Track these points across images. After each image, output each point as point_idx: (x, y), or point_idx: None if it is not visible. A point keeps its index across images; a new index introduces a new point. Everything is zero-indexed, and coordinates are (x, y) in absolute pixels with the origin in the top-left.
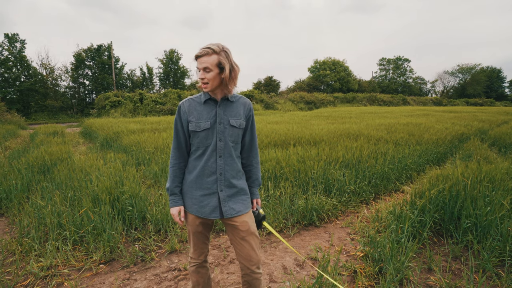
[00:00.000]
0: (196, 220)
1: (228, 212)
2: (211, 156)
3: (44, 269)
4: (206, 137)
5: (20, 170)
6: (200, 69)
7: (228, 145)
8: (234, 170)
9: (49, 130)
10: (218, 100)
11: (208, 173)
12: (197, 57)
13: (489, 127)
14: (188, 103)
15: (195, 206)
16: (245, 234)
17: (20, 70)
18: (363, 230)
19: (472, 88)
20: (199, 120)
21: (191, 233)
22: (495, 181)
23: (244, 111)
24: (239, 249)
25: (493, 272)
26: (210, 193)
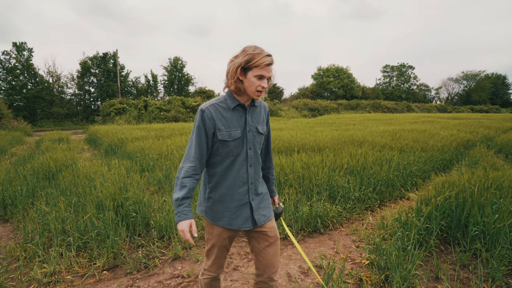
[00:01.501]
0: (225, 233)
1: (260, 219)
2: (242, 165)
3: (47, 275)
4: (237, 147)
5: (26, 176)
6: (266, 78)
7: (256, 153)
8: (260, 177)
9: (54, 137)
10: (247, 106)
11: (240, 184)
12: (268, 65)
13: (495, 134)
14: (214, 108)
15: (226, 218)
16: (273, 240)
17: (27, 78)
18: (368, 238)
19: (477, 94)
20: (229, 129)
21: (216, 247)
22: (502, 188)
23: (265, 116)
24: (262, 256)
25: (502, 282)
26: (243, 204)
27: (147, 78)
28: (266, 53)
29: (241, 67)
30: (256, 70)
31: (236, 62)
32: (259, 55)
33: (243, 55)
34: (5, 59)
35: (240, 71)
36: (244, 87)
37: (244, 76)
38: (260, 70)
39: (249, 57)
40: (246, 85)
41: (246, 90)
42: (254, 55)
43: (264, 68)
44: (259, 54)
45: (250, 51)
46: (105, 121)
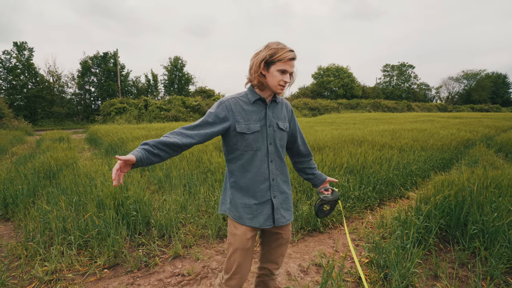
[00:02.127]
0: (248, 233)
1: (279, 220)
2: (262, 161)
3: (48, 274)
4: (255, 140)
5: (27, 175)
6: (288, 72)
7: (277, 149)
8: (284, 175)
9: (55, 136)
10: (268, 101)
11: (261, 180)
12: (291, 59)
13: (495, 133)
14: (234, 101)
15: (249, 215)
16: (284, 242)
17: (27, 78)
18: (368, 236)
19: (478, 94)
20: (248, 122)
21: (239, 250)
22: (502, 187)
23: (287, 114)
24: (270, 253)
25: (501, 280)
26: (264, 201)
27: (148, 77)
28: (289, 48)
29: (264, 61)
30: (279, 64)
31: (260, 56)
32: (282, 49)
33: (267, 50)
34: (6, 59)
35: (263, 65)
36: (267, 81)
37: (267, 70)
38: (283, 64)
39: (273, 52)
40: (269, 80)
41: (269, 84)
42: (277, 50)
43: (287, 63)
44: (282, 49)
45: (274, 46)
46: (106, 121)
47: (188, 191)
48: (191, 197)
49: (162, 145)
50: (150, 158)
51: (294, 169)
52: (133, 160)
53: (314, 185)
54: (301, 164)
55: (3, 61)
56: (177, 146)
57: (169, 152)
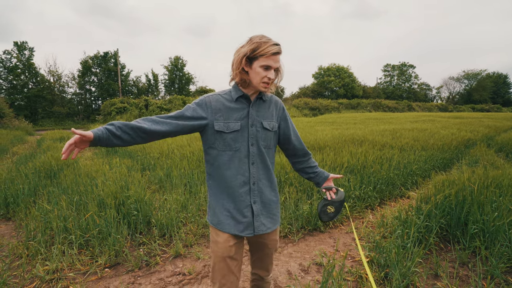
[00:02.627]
0: (231, 240)
1: (259, 228)
2: (242, 163)
3: (50, 273)
4: (234, 140)
5: (27, 175)
6: (272, 68)
7: (261, 150)
8: (267, 179)
9: (55, 136)
10: (252, 99)
11: (241, 183)
12: (274, 54)
13: (496, 133)
14: (216, 98)
15: (227, 221)
16: (270, 252)
17: (28, 77)
18: (368, 236)
19: (478, 94)
20: (227, 120)
21: (222, 259)
22: (502, 186)
23: (276, 112)
24: (258, 261)
25: (501, 279)
26: (244, 207)
27: (148, 77)
28: (273, 41)
29: (246, 57)
30: (262, 59)
31: (242, 51)
32: (266, 43)
33: (249, 44)
34: (6, 59)
35: (245, 61)
36: (250, 78)
37: (249, 66)
38: (266, 60)
39: (255, 46)
40: (252, 76)
41: (252, 81)
42: (260, 44)
43: (270, 58)
44: (265, 43)
45: (256, 40)
46: (106, 120)
47: (189, 191)
48: (192, 196)
49: (128, 128)
50: (110, 139)
51: (294, 170)
52: (91, 137)
53: (316, 183)
54: (300, 164)
55: (4, 61)
56: (143, 131)
57: (133, 137)
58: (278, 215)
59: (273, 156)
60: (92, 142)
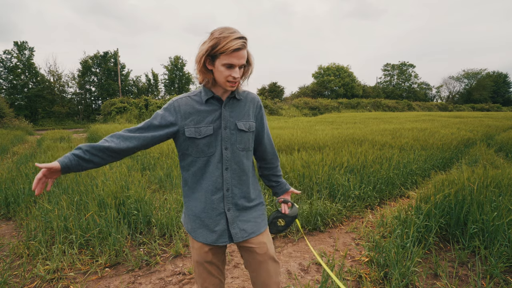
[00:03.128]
0: (204, 247)
1: (238, 235)
2: (216, 168)
3: (50, 272)
4: (208, 145)
5: (28, 174)
6: (236, 66)
7: (236, 154)
8: (244, 184)
9: (56, 136)
10: (224, 99)
11: (213, 190)
12: (235, 50)
13: (496, 132)
14: (185, 101)
15: (200, 230)
16: (263, 258)
17: (28, 77)
18: (368, 235)
19: (478, 93)
20: (198, 124)
21: (199, 265)
22: (502, 186)
23: (253, 110)
24: (254, 276)
25: (500, 278)
26: (217, 214)
27: (148, 77)
28: (235, 35)
29: (206, 55)
30: (223, 57)
31: (202, 49)
32: (226, 39)
33: (209, 40)
34: (7, 58)
35: (207, 60)
36: (214, 77)
37: (212, 65)
38: (227, 58)
39: (214, 42)
40: (216, 76)
41: (216, 80)
42: (219, 40)
43: (232, 55)
44: (225, 38)
45: (216, 35)
46: (106, 120)
47: None
48: None
49: (96, 150)
50: (80, 164)
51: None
52: (58, 167)
53: (274, 193)
54: (266, 170)
55: (4, 61)
56: (112, 151)
57: (104, 158)
58: (263, 218)
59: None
60: (62, 170)
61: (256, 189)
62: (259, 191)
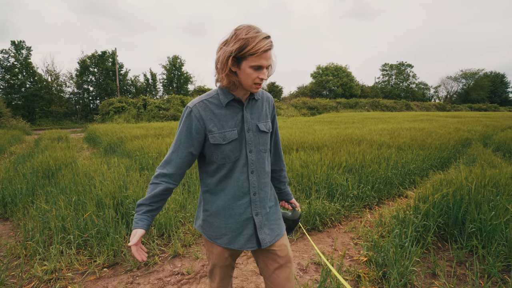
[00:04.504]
0: (226, 252)
1: (266, 240)
2: (241, 173)
3: (48, 273)
4: (234, 150)
5: (25, 174)
6: (265, 67)
7: (260, 156)
8: (268, 186)
9: (53, 136)
10: (244, 100)
11: (240, 195)
12: (265, 51)
13: (493, 132)
14: (203, 105)
15: (226, 236)
16: (283, 261)
17: (25, 77)
18: (366, 235)
19: (476, 93)
20: (223, 129)
21: (218, 267)
22: (499, 185)
23: (269, 110)
24: (271, 281)
25: (498, 277)
26: (244, 219)
27: (146, 76)
28: (263, 35)
29: (232, 57)
30: (252, 59)
31: (227, 51)
32: (254, 39)
33: (234, 41)
34: (4, 58)
35: (232, 62)
36: (239, 80)
37: (237, 67)
38: (257, 59)
39: (242, 44)
40: (242, 78)
41: (242, 83)
42: (247, 41)
43: (261, 56)
44: (254, 38)
45: (243, 35)
46: (104, 120)
47: (187, 190)
48: (190, 196)
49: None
50: (154, 215)
51: None
52: (143, 233)
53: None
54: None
55: (1, 60)
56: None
57: (166, 198)
58: (282, 219)
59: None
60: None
61: (274, 191)
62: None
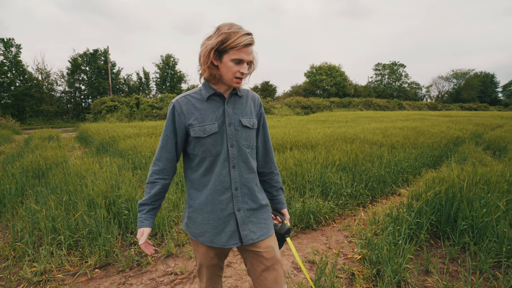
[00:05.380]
0: (211, 252)
1: (248, 236)
2: (223, 167)
3: (37, 274)
4: (214, 144)
5: (14, 174)
6: (245, 61)
7: (242, 151)
8: (252, 182)
9: (44, 135)
10: (226, 95)
11: (221, 190)
12: (245, 46)
13: (484, 131)
14: (185, 100)
15: (208, 233)
16: (270, 263)
17: (15, 75)
18: (360, 233)
19: (467, 93)
20: (203, 123)
21: (204, 267)
22: (490, 183)
23: (254, 108)
24: (259, 283)
25: (489, 274)
26: (226, 215)
27: (139, 75)
28: (244, 31)
29: (214, 50)
30: (232, 52)
31: (209, 44)
32: (235, 34)
33: (217, 35)
34: None
35: (214, 55)
36: (220, 73)
37: (219, 60)
38: (237, 53)
39: (224, 37)
40: (223, 71)
41: (223, 77)
42: (229, 35)
43: (242, 50)
44: (235, 33)
45: (225, 30)
46: (96, 119)
47: (181, 189)
48: (184, 195)
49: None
50: (156, 213)
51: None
52: (150, 231)
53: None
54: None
55: None
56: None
57: (164, 195)
58: (271, 220)
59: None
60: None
61: (262, 190)
62: (264, 193)
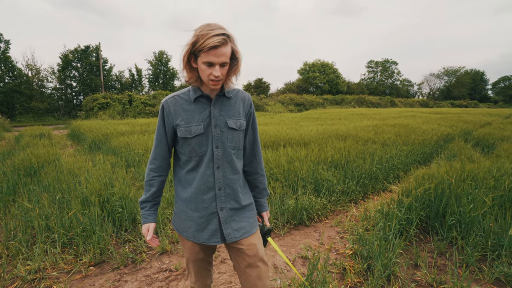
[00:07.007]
0: (195, 246)
1: (231, 235)
2: (207, 167)
3: (32, 272)
4: (200, 144)
5: (6, 172)
6: (216, 64)
7: (227, 152)
8: (236, 183)
9: (35, 132)
10: (212, 97)
11: (205, 189)
12: (212, 48)
13: (473, 128)
14: (174, 101)
15: (191, 230)
16: (252, 260)
17: (3, 71)
18: (352, 229)
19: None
20: (189, 124)
21: (191, 261)
22: (478, 179)
23: (244, 109)
24: (243, 279)
25: (475, 267)
26: (209, 214)
27: (132, 72)
28: (214, 32)
29: (188, 53)
30: (202, 55)
31: (185, 47)
32: (204, 36)
33: (191, 38)
34: None
35: (191, 58)
36: (199, 75)
37: (196, 63)
38: (206, 55)
39: (194, 40)
40: (200, 74)
41: (202, 79)
42: (198, 37)
43: (210, 53)
44: (204, 35)
45: (197, 32)
46: (88, 116)
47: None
48: None
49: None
50: (157, 209)
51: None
52: (155, 226)
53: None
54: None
55: None
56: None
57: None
58: (255, 219)
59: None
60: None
61: (247, 190)
62: (250, 192)
